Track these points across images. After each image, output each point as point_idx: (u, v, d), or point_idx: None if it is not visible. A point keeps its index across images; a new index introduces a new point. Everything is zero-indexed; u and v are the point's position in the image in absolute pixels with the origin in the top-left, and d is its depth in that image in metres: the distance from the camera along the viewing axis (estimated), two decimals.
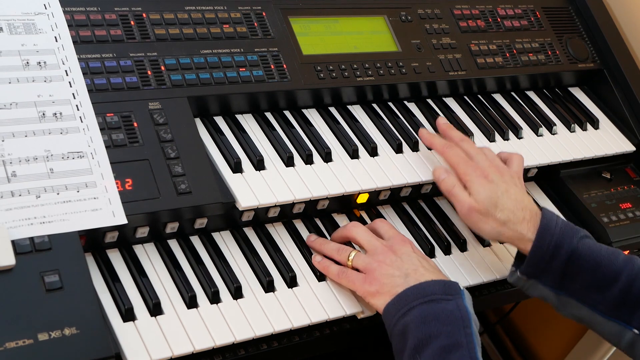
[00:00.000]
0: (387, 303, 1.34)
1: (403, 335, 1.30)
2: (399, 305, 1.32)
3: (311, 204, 1.53)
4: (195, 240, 1.43)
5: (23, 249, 1.18)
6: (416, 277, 1.37)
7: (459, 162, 1.55)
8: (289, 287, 1.41)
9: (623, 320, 1.43)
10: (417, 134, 1.69)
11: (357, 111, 1.71)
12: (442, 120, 1.71)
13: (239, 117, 1.58)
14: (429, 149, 1.67)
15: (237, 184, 1.43)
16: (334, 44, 1.70)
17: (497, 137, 1.78)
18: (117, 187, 1.30)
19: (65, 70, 1.37)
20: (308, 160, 1.54)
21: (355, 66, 1.68)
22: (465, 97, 1.87)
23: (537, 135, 1.85)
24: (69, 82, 1.36)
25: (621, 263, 1.44)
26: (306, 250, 1.49)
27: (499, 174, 1.53)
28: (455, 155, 1.57)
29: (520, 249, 1.50)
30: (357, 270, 1.42)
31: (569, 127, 1.90)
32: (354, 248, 1.47)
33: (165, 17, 1.53)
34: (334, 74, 1.65)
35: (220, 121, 1.55)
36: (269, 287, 1.39)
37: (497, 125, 1.81)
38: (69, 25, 1.42)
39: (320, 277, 1.45)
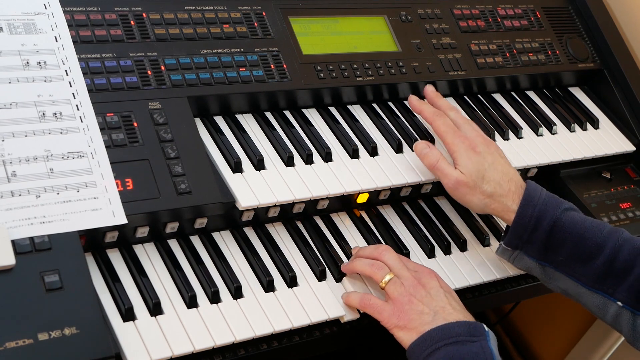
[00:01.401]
0: (412, 341, 1.33)
1: None
2: (424, 346, 1.31)
3: (311, 203, 1.53)
4: (195, 240, 1.43)
5: (23, 248, 1.18)
6: (444, 316, 1.35)
7: (447, 132, 1.55)
8: (289, 287, 1.41)
9: (607, 293, 1.43)
10: (417, 134, 1.69)
11: (357, 111, 1.71)
12: (430, 88, 1.70)
13: (239, 117, 1.58)
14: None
15: (237, 184, 1.43)
16: (334, 44, 1.70)
17: (497, 136, 1.78)
18: (117, 187, 1.30)
19: (65, 70, 1.37)
20: (308, 160, 1.54)
21: (355, 66, 1.68)
22: (465, 97, 1.87)
23: (537, 135, 1.85)
24: (69, 82, 1.36)
25: (606, 235, 1.44)
26: (306, 250, 1.49)
27: (486, 146, 1.53)
28: (444, 124, 1.57)
29: (506, 220, 1.51)
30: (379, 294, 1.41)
31: (569, 127, 1.91)
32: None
33: (165, 17, 1.53)
34: (334, 74, 1.65)
35: (220, 121, 1.55)
36: (269, 287, 1.39)
37: (497, 125, 1.81)
38: (69, 25, 1.42)
39: (320, 277, 1.45)
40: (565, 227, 1.44)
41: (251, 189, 1.43)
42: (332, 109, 1.68)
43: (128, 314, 1.26)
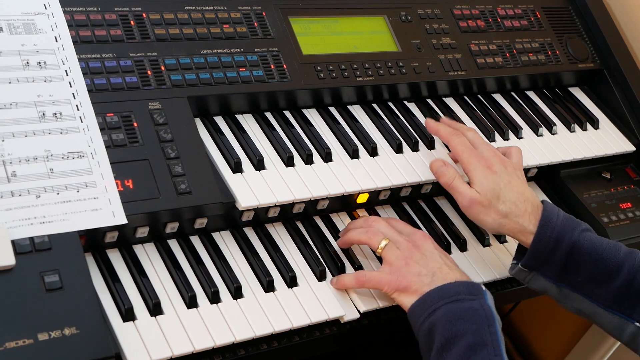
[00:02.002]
0: (412, 303, 1.36)
1: (430, 334, 1.31)
2: (425, 305, 1.34)
3: (311, 204, 1.53)
4: (195, 240, 1.43)
5: (23, 249, 1.18)
6: (442, 277, 1.38)
7: (463, 151, 1.55)
8: (289, 287, 1.41)
9: (624, 314, 1.44)
10: (417, 134, 1.69)
11: (357, 111, 1.71)
12: (446, 118, 1.72)
13: (239, 117, 1.58)
14: (430, 147, 1.68)
15: (237, 184, 1.43)
16: (334, 44, 1.70)
17: (497, 137, 1.78)
18: (117, 187, 1.30)
19: (65, 70, 1.37)
20: (308, 160, 1.54)
21: (355, 66, 1.68)
22: (465, 97, 1.87)
23: (537, 135, 1.85)
24: (69, 82, 1.36)
25: (622, 256, 1.45)
26: (306, 250, 1.49)
27: (502, 165, 1.53)
28: (460, 143, 1.57)
29: (521, 241, 1.50)
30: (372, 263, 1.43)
31: (569, 127, 1.91)
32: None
33: (165, 17, 1.53)
34: (334, 74, 1.65)
35: (220, 121, 1.55)
36: (269, 287, 1.39)
37: (497, 125, 1.81)
38: (69, 25, 1.42)
39: (320, 277, 1.45)
40: (583, 248, 1.44)
41: (251, 189, 1.43)
42: (332, 109, 1.68)
43: (128, 314, 1.26)
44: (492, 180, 1.50)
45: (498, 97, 1.92)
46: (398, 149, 1.64)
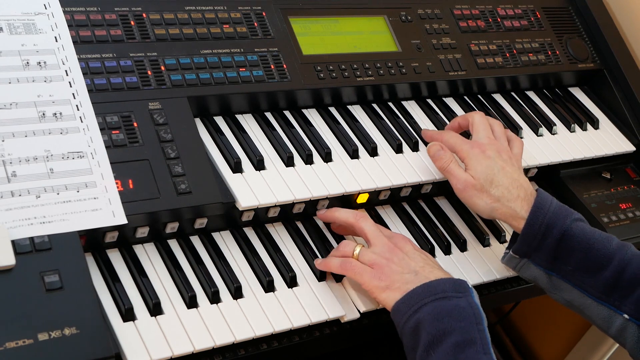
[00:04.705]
0: (396, 300, 1.35)
1: (415, 332, 1.30)
2: (411, 303, 1.33)
3: (311, 204, 1.54)
4: (195, 240, 1.43)
5: (23, 249, 1.18)
6: (425, 275, 1.38)
7: (456, 142, 1.58)
8: (289, 287, 1.41)
9: (613, 305, 1.44)
10: (417, 134, 1.69)
11: (357, 111, 1.71)
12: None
13: (239, 117, 1.58)
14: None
15: (237, 184, 1.43)
16: (334, 44, 1.70)
17: None
18: (117, 187, 1.30)
19: (65, 70, 1.37)
20: (308, 160, 1.54)
21: (355, 66, 1.68)
22: (465, 97, 1.87)
23: (537, 135, 1.85)
24: (69, 82, 1.36)
25: (614, 248, 1.45)
26: (306, 250, 1.49)
27: (497, 151, 1.55)
28: (452, 136, 1.60)
29: (514, 227, 1.51)
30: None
31: (569, 127, 1.91)
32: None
33: (165, 17, 1.53)
34: (334, 74, 1.65)
35: (220, 121, 1.55)
36: (269, 287, 1.39)
37: None
38: (69, 25, 1.42)
39: (321, 277, 1.45)
40: (575, 236, 1.45)
41: (251, 189, 1.43)
42: (332, 109, 1.68)
43: (128, 314, 1.26)
44: (485, 165, 1.51)
45: (498, 97, 1.92)
46: (398, 149, 1.64)
